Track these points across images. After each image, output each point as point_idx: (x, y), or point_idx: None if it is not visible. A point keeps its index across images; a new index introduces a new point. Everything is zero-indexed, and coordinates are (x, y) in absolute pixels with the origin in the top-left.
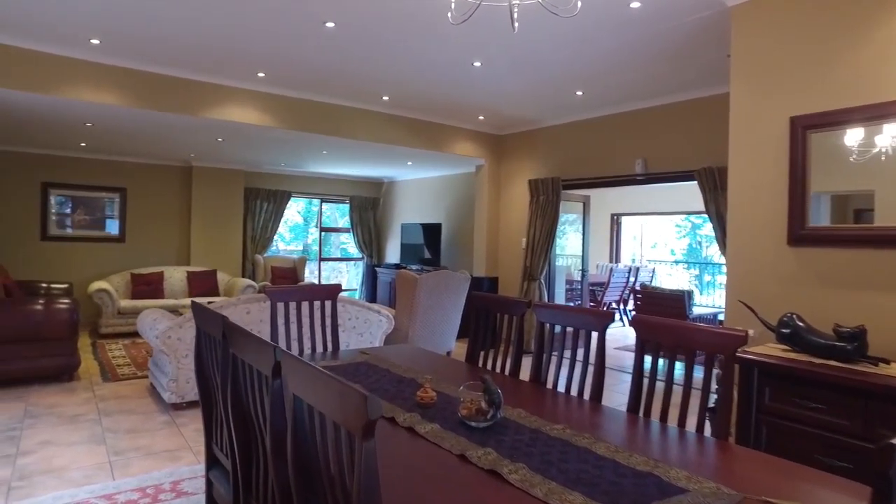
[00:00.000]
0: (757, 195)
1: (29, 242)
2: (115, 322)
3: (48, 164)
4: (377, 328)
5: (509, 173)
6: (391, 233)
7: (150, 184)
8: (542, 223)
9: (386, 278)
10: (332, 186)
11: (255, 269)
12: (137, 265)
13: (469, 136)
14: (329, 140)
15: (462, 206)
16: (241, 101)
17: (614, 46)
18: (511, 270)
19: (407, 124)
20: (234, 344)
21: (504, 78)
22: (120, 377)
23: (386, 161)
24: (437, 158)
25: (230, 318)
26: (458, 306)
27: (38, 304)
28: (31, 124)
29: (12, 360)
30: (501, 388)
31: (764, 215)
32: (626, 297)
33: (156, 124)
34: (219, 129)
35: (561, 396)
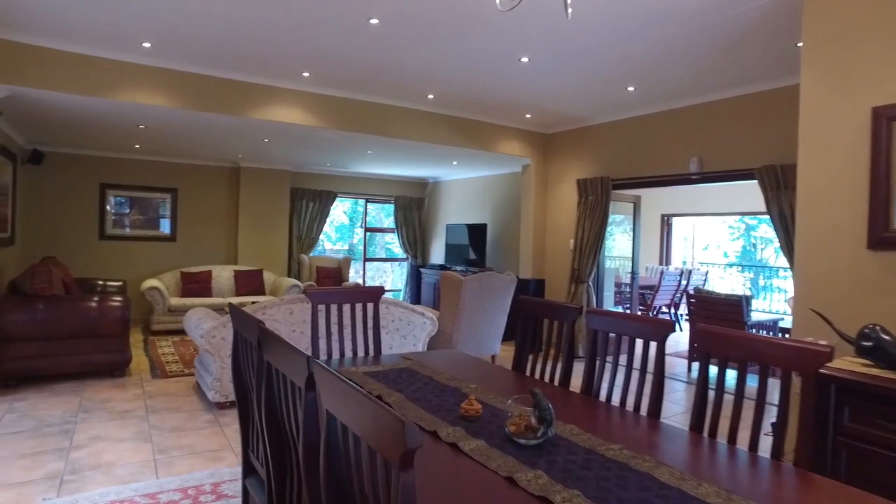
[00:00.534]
0: (831, 194)
1: (88, 241)
2: (165, 319)
3: (106, 166)
4: (421, 330)
5: (556, 173)
6: (436, 233)
7: (199, 184)
8: (591, 224)
9: (430, 279)
10: (378, 187)
11: (300, 268)
12: (187, 264)
13: (516, 134)
14: (374, 139)
15: (508, 207)
16: (286, 102)
17: (670, 39)
18: (558, 273)
19: (452, 123)
20: (268, 351)
21: (552, 74)
22: (168, 374)
23: (431, 161)
24: (483, 158)
25: (274, 318)
26: (504, 309)
27: (93, 301)
28: (89, 126)
29: (70, 354)
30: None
31: (839, 216)
32: (677, 300)
33: (204, 125)
34: (265, 130)
35: (615, 411)
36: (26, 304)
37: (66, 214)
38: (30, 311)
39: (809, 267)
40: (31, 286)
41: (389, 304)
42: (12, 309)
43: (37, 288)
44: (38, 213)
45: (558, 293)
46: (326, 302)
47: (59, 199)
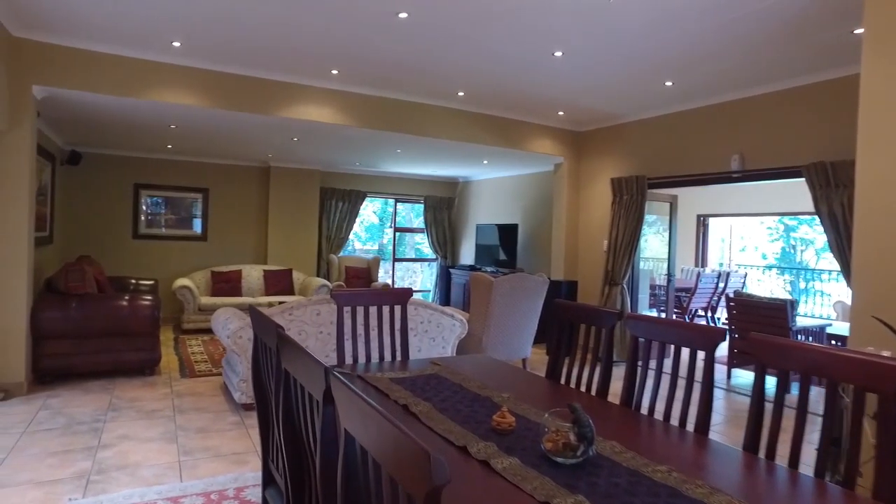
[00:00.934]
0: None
1: (122, 240)
2: (195, 318)
3: (140, 166)
4: (450, 333)
5: (590, 172)
6: (466, 233)
7: (230, 184)
8: (626, 224)
9: (460, 280)
10: (407, 186)
11: (329, 268)
12: (218, 263)
13: (548, 133)
14: (403, 138)
15: (539, 207)
16: (315, 100)
17: (712, 29)
18: (591, 274)
19: (483, 121)
20: (286, 358)
21: (586, 68)
22: (196, 373)
23: (461, 160)
24: (514, 157)
25: (301, 319)
26: (535, 311)
27: (124, 300)
28: (122, 127)
29: (102, 352)
30: (588, 411)
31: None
32: (714, 304)
33: (234, 125)
34: (294, 129)
35: (659, 425)
36: (61, 303)
37: (101, 214)
38: (64, 309)
39: (871, 271)
40: (65, 285)
41: (418, 305)
42: (48, 307)
43: (70, 286)
44: (74, 213)
45: (591, 295)
46: (352, 304)
47: (95, 199)
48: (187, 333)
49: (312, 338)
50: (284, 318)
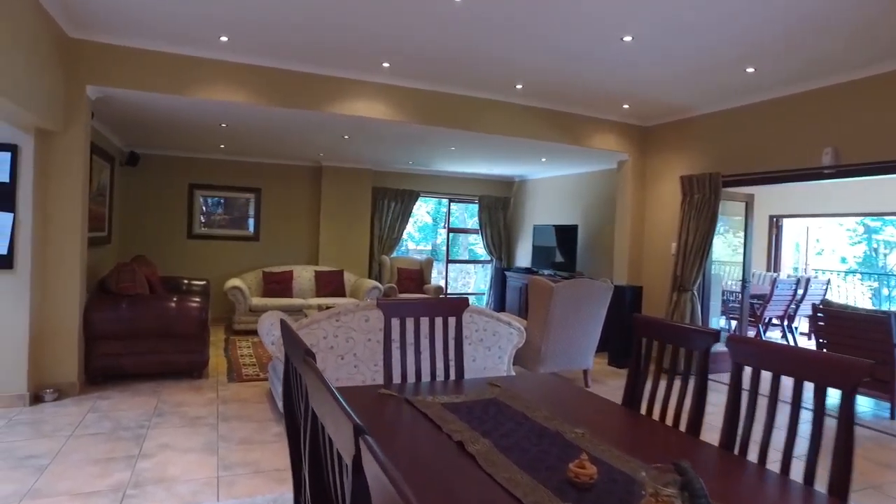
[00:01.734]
0: None
1: (176, 240)
2: (246, 319)
3: (194, 167)
4: (507, 342)
5: (656, 169)
6: (522, 235)
7: (282, 184)
8: (697, 226)
9: (516, 283)
10: (461, 186)
11: (381, 269)
12: (269, 263)
13: (611, 128)
14: (457, 135)
15: (600, 207)
16: (366, 95)
17: (805, 5)
18: (657, 279)
19: (542, 116)
20: (314, 397)
21: (657, 55)
22: (243, 377)
23: (518, 158)
24: (575, 154)
25: (349, 326)
26: (598, 319)
27: (172, 301)
28: (175, 126)
29: (151, 353)
30: (681, 452)
31: None
32: (791, 312)
33: (283, 122)
34: (344, 126)
35: (774, 478)
36: (112, 303)
37: (157, 214)
38: (115, 309)
39: None
40: (116, 285)
41: (473, 312)
42: (100, 307)
43: (121, 287)
44: (132, 213)
45: (658, 302)
46: (401, 315)
47: (152, 200)
48: (238, 334)
49: (360, 345)
50: (331, 324)
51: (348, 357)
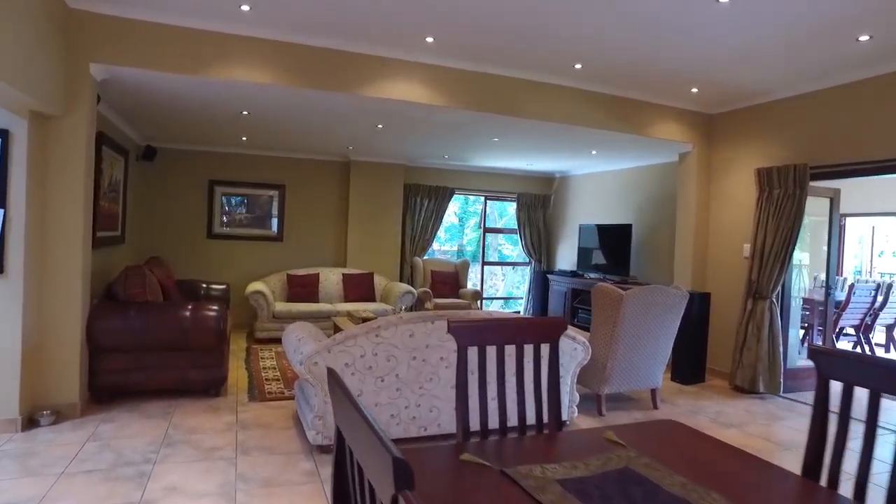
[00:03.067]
0: None
1: (195, 240)
2: (269, 326)
3: (214, 162)
4: (570, 359)
5: (724, 161)
6: (563, 235)
7: (307, 180)
8: (778, 224)
9: (560, 287)
10: (498, 183)
11: (413, 272)
12: (294, 265)
13: (674, 115)
14: (506, 123)
15: (655, 204)
16: (406, 76)
17: None
18: (727, 285)
19: (599, 102)
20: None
21: (755, 21)
22: (266, 396)
23: (565, 150)
24: (630, 146)
25: (391, 342)
26: (671, 331)
27: (186, 310)
28: (190, 114)
29: (163, 368)
30: None
31: None
32: (868, 322)
33: (312, 109)
34: (379, 113)
35: None
36: (119, 312)
37: (175, 212)
38: (123, 318)
39: None
40: (124, 291)
41: None
42: (105, 316)
43: (130, 293)
44: (148, 211)
45: (729, 310)
46: (479, 343)
47: (170, 197)
48: (260, 343)
49: (404, 365)
50: (370, 340)
51: (389, 379)
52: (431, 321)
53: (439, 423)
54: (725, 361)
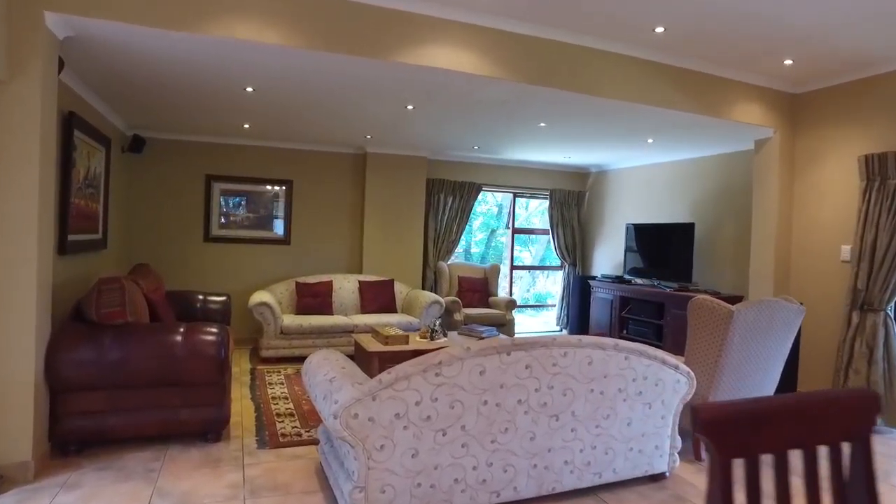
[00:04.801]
0: None
1: (191, 244)
2: (277, 343)
3: (212, 154)
4: (672, 393)
5: (813, 148)
6: (601, 235)
7: (318, 175)
8: (890, 221)
9: (605, 294)
10: (528, 178)
11: (437, 278)
12: (303, 272)
13: (756, 95)
14: (561, 102)
15: (718, 200)
16: (451, 39)
17: None
18: (819, 294)
19: (675, 77)
20: None
21: None
22: (280, 440)
23: (619, 138)
24: (695, 132)
25: (454, 382)
26: (781, 355)
27: (178, 334)
28: (185, 94)
29: (146, 409)
30: None
31: None
32: None
33: (330, 83)
34: (413, 87)
35: None
36: (90, 338)
37: (167, 212)
38: (94, 347)
39: None
40: (97, 311)
41: (629, 352)
42: (71, 344)
43: (104, 314)
44: (135, 211)
45: (824, 326)
46: (752, 452)
47: (160, 194)
48: (266, 363)
49: (471, 412)
50: (429, 382)
51: (454, 431)
52: (507, 352)
53: (515, 486)
54: (819, 385)
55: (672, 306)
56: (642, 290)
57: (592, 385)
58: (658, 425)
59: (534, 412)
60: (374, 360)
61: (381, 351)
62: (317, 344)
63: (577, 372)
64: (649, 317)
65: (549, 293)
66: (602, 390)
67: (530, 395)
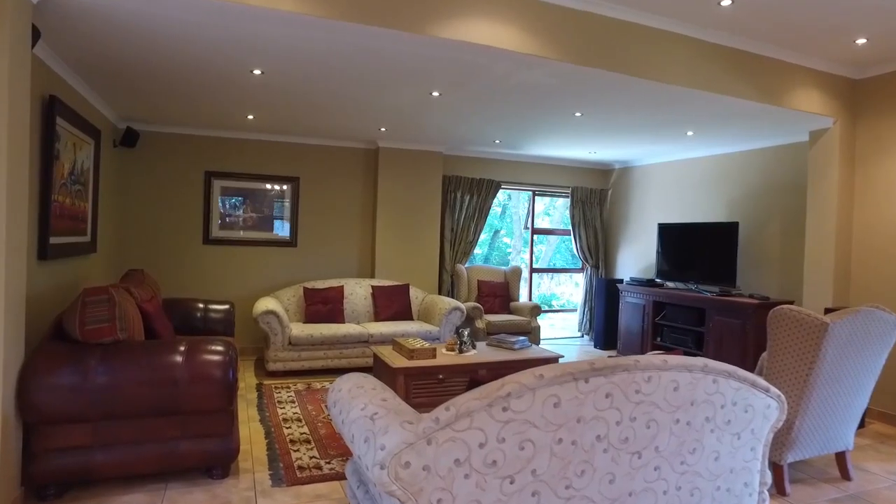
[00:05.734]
0: None
1: (189, 247)
2: (284, 356)
3: (213, 149)
4: (762, 421)
5: (879, 139)
6: (626, 236)
7: (327, 172)
8: None
9: (636, 300)
10: (548, 175)
11: (455, 283)
12: (311, 276)
13: (815, 80)
14: (604, 86)
15: (759, 198)
16: (491, 10)
17: None
18: (885, 299)
19: (730, 60)
20: None
21: None
22: (297, 474)
23: (656, 130)
24: (741, 122)
25: (524, 417)
26: (874, 372)
27: (177, 352)
28: (182, 77)
29: (140, 443)
30: None
31: None
32: None
33: (349, 66)
34: (443, 68)
35: None
36: (73, 360)
37: (163, 212)
38: (78, 370)
39: None
40: (80, 328)
41: (716, 374)
42: (50, 368)
43: (89, 331)
44: (128, 211)
45: None
46: None
47: (156, 193)
48: (273, 377)
49: (544, 453)
50: (495, 419)
51: (523, 478)
52: (585, 378)
53: None
54: (891, 400)
55: (715, 312)
56: (679, 294)
57: (678, 414)
58: (747, 458)
59: (614, 449)
60: (400, 378)
61: (407, 367)
62: (328, 356)
63: (661, 399)
64: (687, 323)
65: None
66: (689, 420)
67: (610, 429)
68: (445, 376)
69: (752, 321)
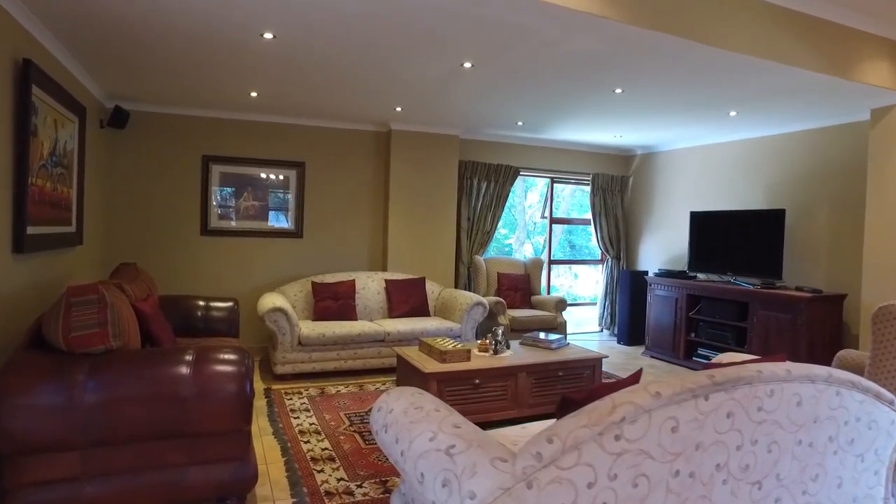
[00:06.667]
0: None
1: (186, 238)
2: (294, 357)
3: (211, 131)
4: (886, 440)
5: None
6: (649, 225)
7: (335, 156)
8: None
9: (666, 293)
10: (567, 161)
11: (473, 275)
12: (319, 269)
13: (887, 50)
14: (662, 52)
15: (805, 184)
16: None
17: None
18: None
19: (800, 25)
20: None
21: None
22: (324, 501)
23: (698, 109)
24: (801, 97)
25: (638, 446)
26: None
27: (183, 364)
28: (179, 40)
29: (141, 471)
30: None
31: None
32: None
33: (374, 28)
34: (481, 36)
35: None
36: (56, 374)
37: (157, 200)
38: (62, 387)
39: None
40: (65, 335)
41: (839, 384)
42: (28, 385)
43: (75, 339)
44: (118, 198)
45: None
46: None
47: (149, 178)
48: (282, 381)
49: (659, 490)
50: (606, 451)
51: None
52: (705, 396)
53: None
54: None
55: (759, 307)
56: (716, 287)
57: (800, 434)
58: (870, 484)
59: (734, 480)
60: (433, 385)
61: (440, 372)
62: (341, 357)
63: (783, 417)
64: (727, 318)
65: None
66: (811, 441)
67: (731, 455)
68: (481, 381)
69: (805, 316)
